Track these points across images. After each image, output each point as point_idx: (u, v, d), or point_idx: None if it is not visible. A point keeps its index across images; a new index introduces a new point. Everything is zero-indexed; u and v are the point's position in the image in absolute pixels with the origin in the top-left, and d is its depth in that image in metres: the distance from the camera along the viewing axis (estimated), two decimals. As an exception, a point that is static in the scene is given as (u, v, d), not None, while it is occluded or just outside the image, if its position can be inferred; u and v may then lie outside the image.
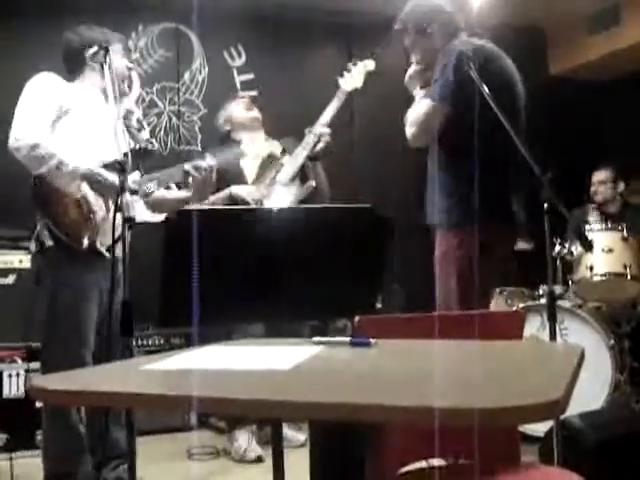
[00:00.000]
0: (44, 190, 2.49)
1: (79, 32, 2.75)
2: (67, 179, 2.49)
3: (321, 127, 3.43)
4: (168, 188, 2.76)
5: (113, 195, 2.15)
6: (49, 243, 2.50)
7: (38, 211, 2.52)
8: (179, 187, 2.84)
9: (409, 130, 2.68)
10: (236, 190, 3.39)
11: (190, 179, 2.72)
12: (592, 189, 4.60)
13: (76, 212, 2.51)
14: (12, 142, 2.50)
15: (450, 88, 2.52)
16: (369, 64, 3.51)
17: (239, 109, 3.69)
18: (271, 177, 3.43)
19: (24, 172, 2.55)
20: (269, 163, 3.50)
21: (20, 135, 2.49)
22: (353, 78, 3.47)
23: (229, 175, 3.35)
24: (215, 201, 3.32)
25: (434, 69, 2.69)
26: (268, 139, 3.62)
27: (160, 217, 2.77)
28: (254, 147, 3.27)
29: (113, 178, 2.54)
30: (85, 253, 2.50)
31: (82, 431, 2.57)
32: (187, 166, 2.69)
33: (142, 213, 2.67)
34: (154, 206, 2.78)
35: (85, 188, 2.54)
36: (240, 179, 3.47)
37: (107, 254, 2.49)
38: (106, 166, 2.56)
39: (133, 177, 2.65)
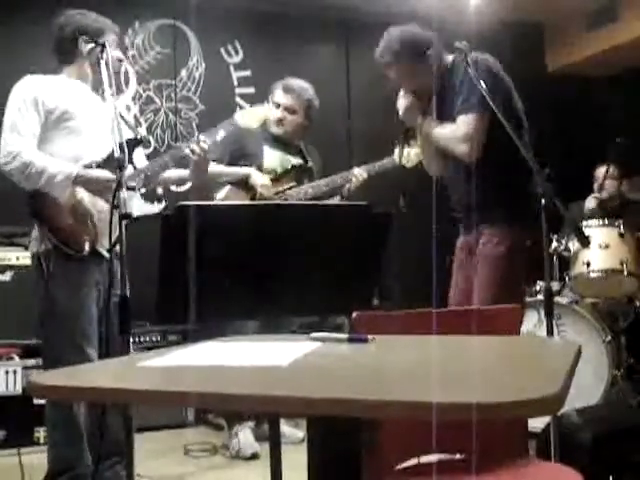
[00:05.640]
0: (40, 201, 2.51)
1: (71, 19, 2.66)
2: (61, 188, 2.50)
3: (357, 172, 3.51)
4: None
5: (111, 192, 2.14)
6: (48, 247, 2.51)
7: (36, 221, 2.55)
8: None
9: (462, 148, 2.66)
10: (255, 177, 3.38)
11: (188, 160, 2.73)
12: (595, 185, 4.59)
13: (73, 219, 2.53)
14: (1, 164, 2.50)
15: (483, 96, 2.49)
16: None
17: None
18: (288, 186, 3.45)
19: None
20: (295, 172, 3.53)
21: (8, 157, 2.49)
22: (406, 157, 3.30)
23: (248, 150, 3.40)
24: (230, 172, 3.34)
25: (432, 93, 2.72)
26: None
27: (157, 208, 2.75)
28: (247, 115, 3.16)
29: (106, 175, 2.54)
30: (85, 255, 2.51)
31: (83, 426, 2.57)
32: (186, 150, 2.69)
33: (139, 207, 2.67)
34: (155, 187, 2.77)
35: (80, 192, 2.54)
36: (258, 158, 3.47)
37: (107, 255, 2.49)
38: (99, 164, 2.56)
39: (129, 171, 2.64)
